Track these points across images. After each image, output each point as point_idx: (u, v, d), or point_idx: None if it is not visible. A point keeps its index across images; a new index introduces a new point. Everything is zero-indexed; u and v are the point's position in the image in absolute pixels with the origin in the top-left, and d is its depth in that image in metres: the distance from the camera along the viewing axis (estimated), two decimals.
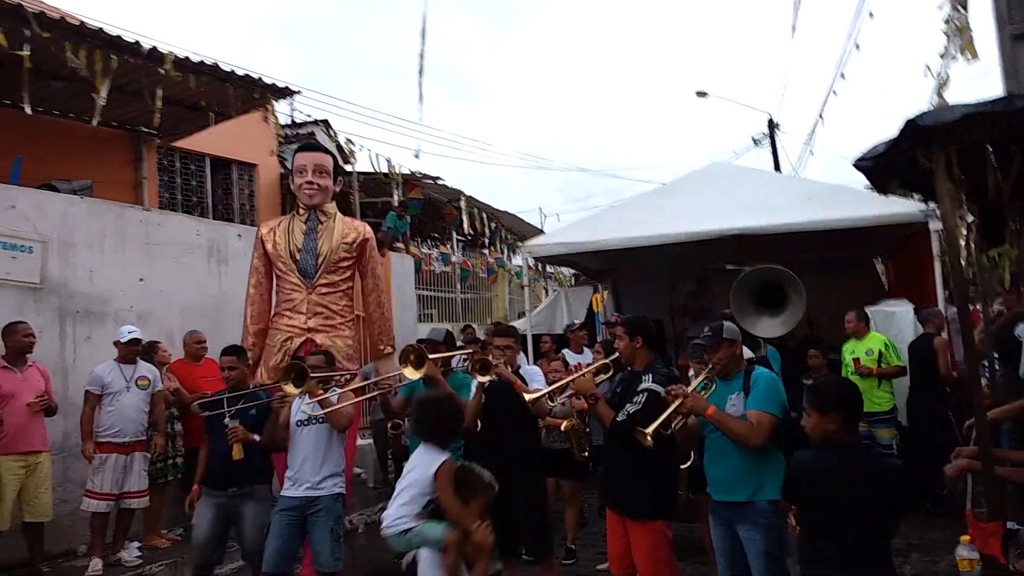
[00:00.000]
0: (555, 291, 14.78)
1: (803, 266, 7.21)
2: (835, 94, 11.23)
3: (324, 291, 5.29)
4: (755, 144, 19.31)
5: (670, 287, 9.21)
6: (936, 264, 6.95)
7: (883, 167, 3.80)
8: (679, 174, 10.85)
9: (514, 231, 17.68)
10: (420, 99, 5.85)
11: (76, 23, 7.40)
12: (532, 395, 4.26)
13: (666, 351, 7.95)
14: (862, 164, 3.84)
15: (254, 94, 9.04)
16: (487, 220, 15.54)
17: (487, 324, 12.84)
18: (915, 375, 6.80)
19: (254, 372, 5.21)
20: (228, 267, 7.89)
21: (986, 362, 5.24)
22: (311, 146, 5.67)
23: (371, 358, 5.67)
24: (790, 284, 6.61)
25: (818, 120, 14.44)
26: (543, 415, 4.77)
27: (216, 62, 8.35)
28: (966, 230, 4.81)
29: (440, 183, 14.18)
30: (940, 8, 4.77)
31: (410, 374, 4.36)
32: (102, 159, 9.57)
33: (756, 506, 3.58)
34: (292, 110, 13.34)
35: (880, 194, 7.47)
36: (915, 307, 7.30)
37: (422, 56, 5.55)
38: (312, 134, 12.47)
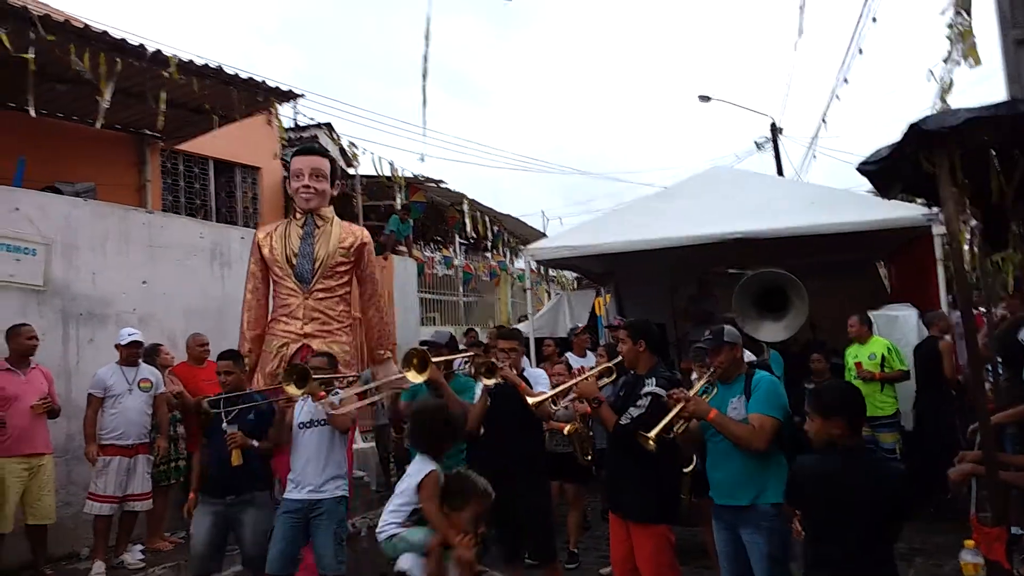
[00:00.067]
0: (557, 294, 14.79)
1: (806, 270, 7.19)
2: (838, 98, 11.22)
3: (321, 296, 5.22)
4: (758, 148, 19.29)
5: (672, 291, 9.20)
6: (939, 268, 6.94)
7: (886, 171, 3.80)
8: (681, 178, 10.85)
9: (516, 234, 17.70)
10: (424, 103, 5.85)
11: (81, 26, 7.42)
12: (536, 398, 4.25)
13: (669, 355, 7.94)
14: (865, 168, 3.83)
15: (258, 97, 9.06)
16: (489, 223, 15.55)
17: (489, 327, 12.85)
18: (921, 378, 6.79)
19: (251, 378, 5.16)
20: (231, 270, 7.91)
21: (989, 366, 5.23)
22: (308, 150, 5.60)
23: (369, 363, 5.63)
24: (792, 288, 6.59)
25: (821, 124, 14.40)
26: (547, 418, 4.76)
27: (220, 65, 8.38)
28: (969, 234, 4.80)
29: (443, 186, 14.21)
30: (943, 13, 4.77)
31: (413, 378, 4.34)
32: (106, 162, 9.59)
33: (759, 509, 3.58)
34: (295, 113, 13.37)
35: (883, 198, 7.46)
36: (920, 311, 7.28)
37: (426, 59, 5.55)
38: (315, 137, 12.48)
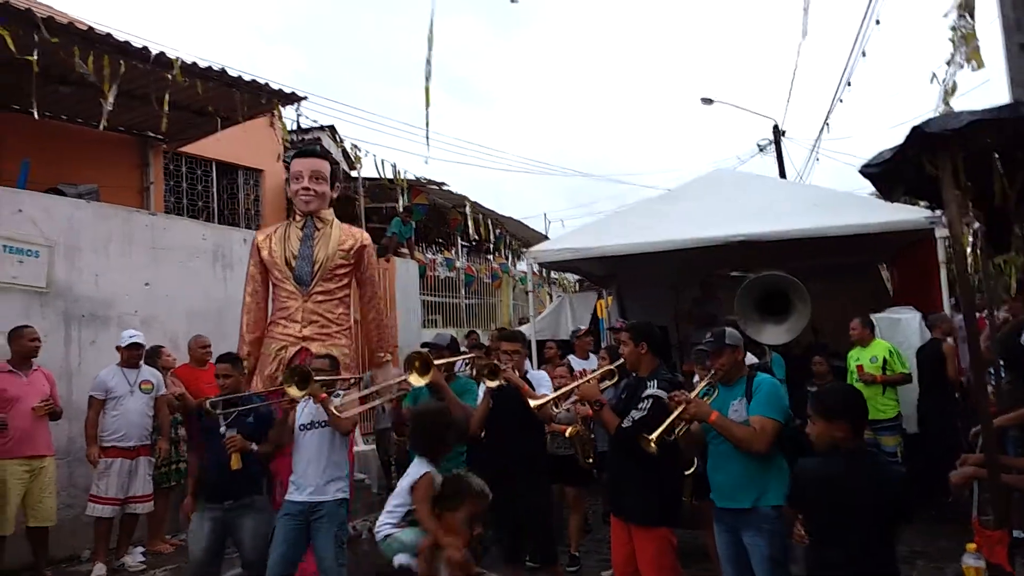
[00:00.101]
0: (559, 297, 14.77)
1: (808, 273, 7.18)
2: (841, 101, 11.20)
3: (320, 299, 5.18)
4: (760, 151, 19.27)
5: (675, 293, 9.20)
6: (942, 271, 6.93)
7: (889, 174, 3.79)
8: (684, 180, 10.86)
9: (518, 237, 17.72)
10: (427, 105, 5.84)
11: (84, 28, 7.45)
12: (537, 401, 4.24)
13: (671, 357, 7.93)
14: (868, 171, 3.83)
15: (261, 99, 9.09)
16: (492, 226, 15.58)
17: (491, 330, 12.84)
18: (924, 380, 6.77)
19: (250, 381, 5.13)
20: (233, 272, 7.91)
21: (992, 369, 5.22)
22: (308, 152, 5.56)
23: (368, 366, 5.61)
24: (795, 291, 6.58)
25: (824, 127, 14.38)
26: (549, 421, 4.76)
27: (223, 67, 8.41)
28: (972, 237, 4.80)
29: (445, 189, 14.23)
30: (946, 16, 4.76)
31: (415, 381, 4.34)
32: (109, 164, 9.62)
33: (760, 512, 3.57)
34: (298, 115, 13.36)
35: (886, 201, 7.45)
36: (923, 313, 7.27)
37: (429, 62, 5.55)
38: (318, 139, 12.48)
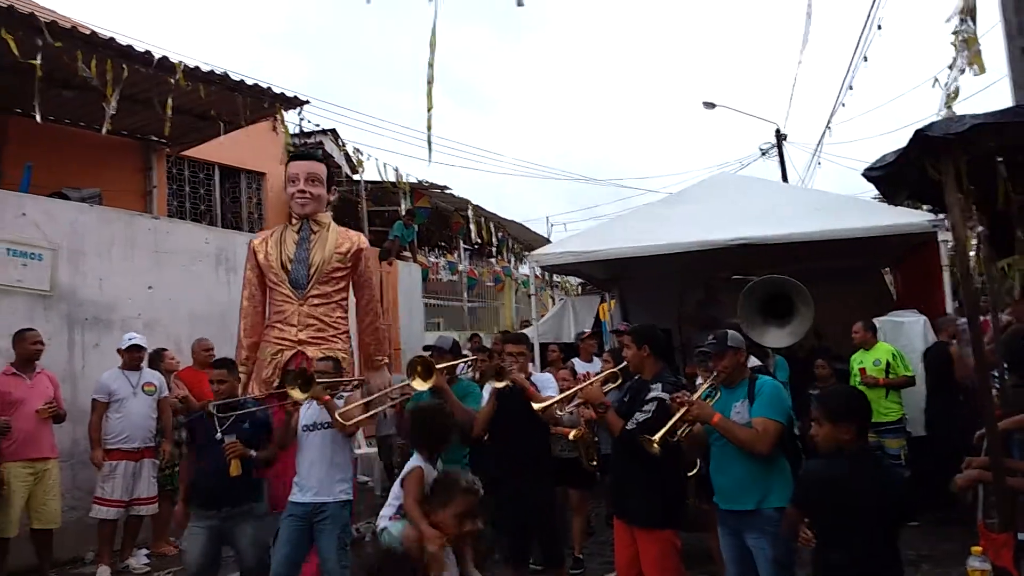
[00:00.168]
0: (562, 300, 14.78)
1: (811, 276, 7.16)
2: (843, 105, 11.20)
3: (316, 302, 5.14)
4: (762, 154, 19.29)
5: (678, 296, 9.19)
6: (945, 274, 6.92)
7: (892, 177, 3.79)
8: (686, 184, 10.87)
9: (521, 240, 17.73)
10: (429, 108, 5.85)
11: (87, 33, 7.46)
12: (541, 404, 4.24)
13: (674, 360, 7.93)
14: (871, 174, 3.83)
15: (263, 103, 9.10)
16: (494, 229, 15.60)
17: (494, 333, 12.85)
18: (931, 382, 6.75)
19: (247, 386, 5.11)
20: (236, 275, 7.90)
21: (996, 372, 5.21)
22: (304, 154, 5.52)
23: (363, 370, 5.60)
24: (798, 294, 6.58)
25: (826, 131, 14.40)
26: (553, 424, 4.76)
27: (226, 72, 8.43)
28: (975, 240, 4.79)
29: (447, 192, 14.25)
30: (948, 20, 4.77)
31: (418, 386, 4.34)
32: (112, 167, 9.64)
33: (763, 514, 3.57)
34: (301, 119, 13.39)
35: (889, 204, 7.45)
36: (926, 317, 7.26)
37: (431, 65, 5.56)
38: (321, 143, 12.51)
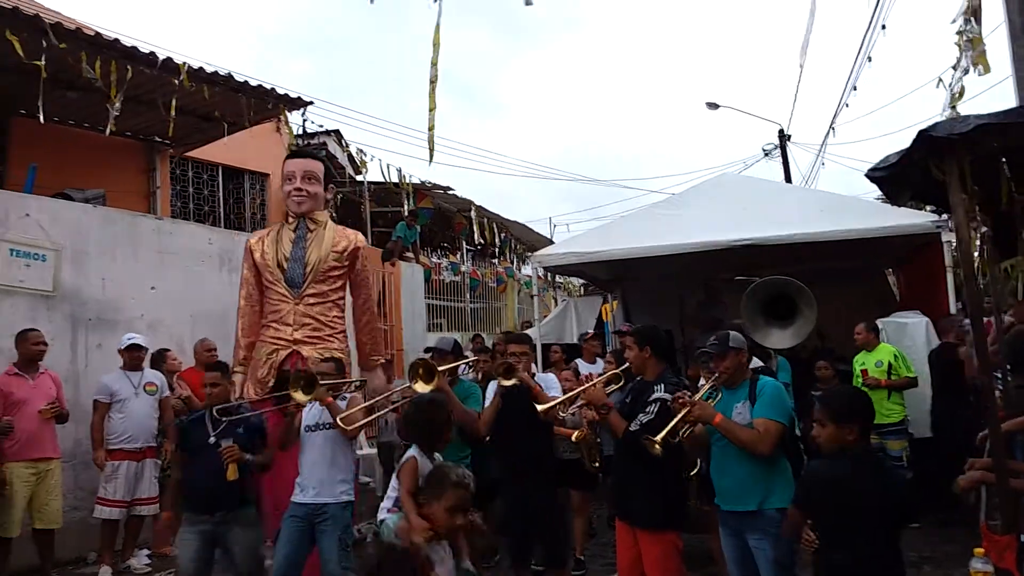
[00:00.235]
0: (564, 301, 14.77)
1: (814, 277, 7.18)
2: (847, 106, 11.20)
3: (312, 302, 5.11)
4: (766, 155, 19.26)
5: (680, 297, 9.18)
6: (948, 275, 6.90)
7: (896, 178, 3.78)
8: (689, 184, 10.85)
9: (523, 241, 17.73)
10: (431, 108, 5.85)
11: (91, 34, 7.48)
12: (544, 405, 4.24)
13: (676, 361, 7.91)
14: (875, 175, 3.82)
15: (267, 104, 9.11)
16: (497, 230, 15.59)
17: (496, 334, 12.84)
18: (937, 383, 6.73)
19: (243, 386, 5.09)
20: (239, 276, 7.92)
21: (999, 373, 5.19)
22: (301, 152, 5.51)
23: (360, 370, 5.60)
24: (800, 295, 6.58)
25: (829, 131, 14.38)
26: (556, 424, 4.76)
27: (230, 72, 8.43)
28: (979, 241, 4.78)
29: (450, 193, 14.25)
30: (953, 21, 4.77)
31: (420, 388, 4.33)
32: (116, 168, 9.66)
33: (765, 515, 3.56)
34: (304, 120, 13.40)
35: (893, 205, 7.43)
36: (930, 318, 7.24)
37: (434, 64, 5.56)
38: (324, 144, 12.53)
